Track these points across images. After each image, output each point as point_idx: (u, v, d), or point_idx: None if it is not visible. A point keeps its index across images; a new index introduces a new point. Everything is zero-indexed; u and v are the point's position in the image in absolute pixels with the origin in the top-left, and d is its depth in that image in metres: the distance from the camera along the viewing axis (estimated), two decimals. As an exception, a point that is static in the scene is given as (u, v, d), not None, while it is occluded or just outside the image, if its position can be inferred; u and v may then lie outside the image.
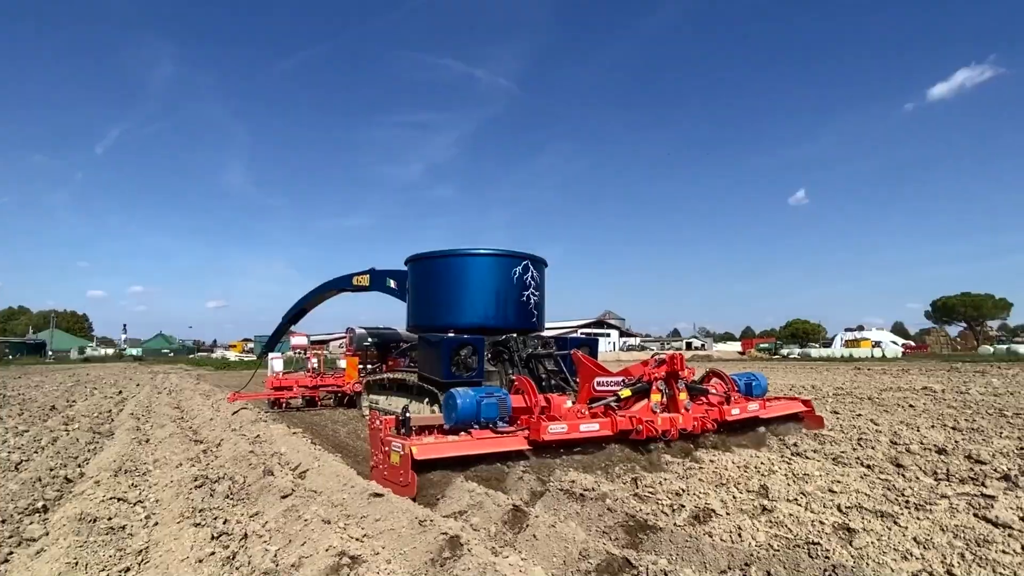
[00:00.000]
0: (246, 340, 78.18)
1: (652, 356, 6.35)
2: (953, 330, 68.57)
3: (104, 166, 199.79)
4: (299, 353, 15.47)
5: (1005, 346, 46.31)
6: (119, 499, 4.46)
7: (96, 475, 5.36)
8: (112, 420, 10.20)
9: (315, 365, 13.59)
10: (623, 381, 6.14)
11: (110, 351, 78.82)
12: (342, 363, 13.20)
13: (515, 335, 8.80)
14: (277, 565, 3.08)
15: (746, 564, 2.99)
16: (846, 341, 56.95)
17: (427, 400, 8.43)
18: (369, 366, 12.12)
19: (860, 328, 64.50)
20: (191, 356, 72.51)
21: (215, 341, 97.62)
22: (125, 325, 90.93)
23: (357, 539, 3.30)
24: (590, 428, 5.33)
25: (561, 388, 8.35)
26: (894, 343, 56.31)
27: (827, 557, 3.04)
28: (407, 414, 5.00)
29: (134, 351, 76.85)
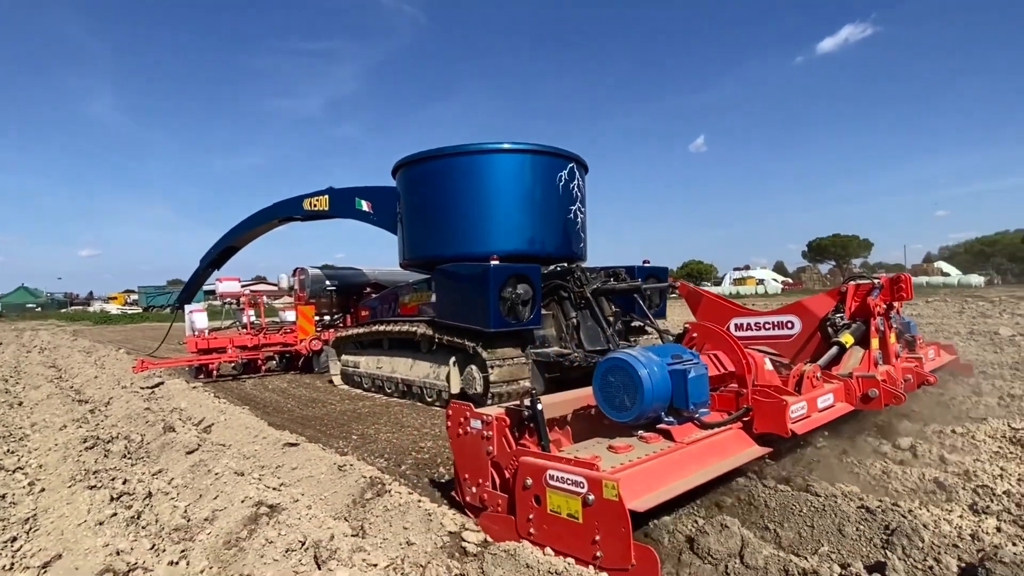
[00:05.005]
0: (129, 291, 71.71)
1: (848, 280, 4.34)
2: (824, 267, 76.09)
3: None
4: (229, 303, 12.28)
5: (865, 281, 52.40)
6: (-6, 467, 4.06)
7: (-38, 444, 4.82)
8: (-26, 384, 9.10)
9: (253, 318, 10.67)
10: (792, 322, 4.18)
11: (-42, 307, 69.37)
12: (289, 315, 10.51)
13: (573, 265, 6.57)
14: (189, 520, 2.97)
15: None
16: (734, 279, 61.79)
17: (453, 361, 6.14)
18: (327, 318, 10.02)
19: (747, 267, 69.87)
20: (63, 310, 65.41)
21: (91, 293, 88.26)
22: (-23, 278, 79.79)
23: (274, 488, 3.24)
24: (826, 402, 3.46)
25: (623, 336, 6.39)
26: (775, 280, 61.84)
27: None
28: (538, 405, 2.73)
29: (-11, 307, 68.13)
